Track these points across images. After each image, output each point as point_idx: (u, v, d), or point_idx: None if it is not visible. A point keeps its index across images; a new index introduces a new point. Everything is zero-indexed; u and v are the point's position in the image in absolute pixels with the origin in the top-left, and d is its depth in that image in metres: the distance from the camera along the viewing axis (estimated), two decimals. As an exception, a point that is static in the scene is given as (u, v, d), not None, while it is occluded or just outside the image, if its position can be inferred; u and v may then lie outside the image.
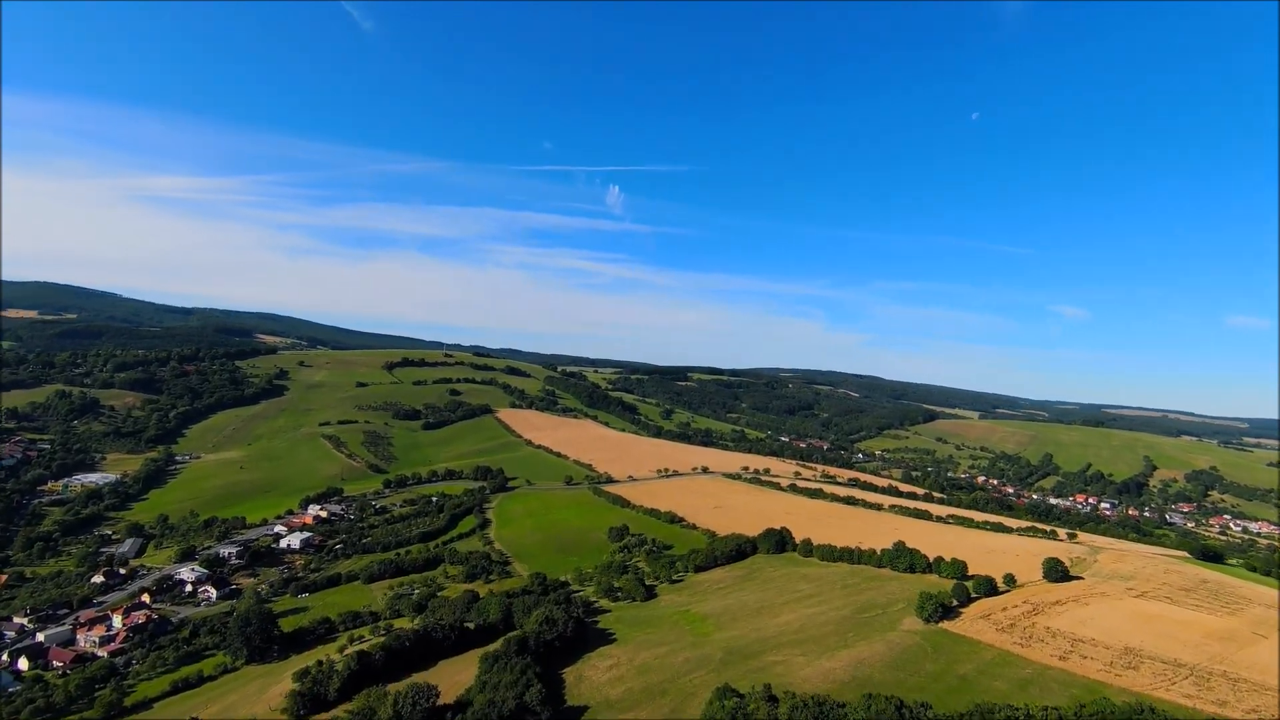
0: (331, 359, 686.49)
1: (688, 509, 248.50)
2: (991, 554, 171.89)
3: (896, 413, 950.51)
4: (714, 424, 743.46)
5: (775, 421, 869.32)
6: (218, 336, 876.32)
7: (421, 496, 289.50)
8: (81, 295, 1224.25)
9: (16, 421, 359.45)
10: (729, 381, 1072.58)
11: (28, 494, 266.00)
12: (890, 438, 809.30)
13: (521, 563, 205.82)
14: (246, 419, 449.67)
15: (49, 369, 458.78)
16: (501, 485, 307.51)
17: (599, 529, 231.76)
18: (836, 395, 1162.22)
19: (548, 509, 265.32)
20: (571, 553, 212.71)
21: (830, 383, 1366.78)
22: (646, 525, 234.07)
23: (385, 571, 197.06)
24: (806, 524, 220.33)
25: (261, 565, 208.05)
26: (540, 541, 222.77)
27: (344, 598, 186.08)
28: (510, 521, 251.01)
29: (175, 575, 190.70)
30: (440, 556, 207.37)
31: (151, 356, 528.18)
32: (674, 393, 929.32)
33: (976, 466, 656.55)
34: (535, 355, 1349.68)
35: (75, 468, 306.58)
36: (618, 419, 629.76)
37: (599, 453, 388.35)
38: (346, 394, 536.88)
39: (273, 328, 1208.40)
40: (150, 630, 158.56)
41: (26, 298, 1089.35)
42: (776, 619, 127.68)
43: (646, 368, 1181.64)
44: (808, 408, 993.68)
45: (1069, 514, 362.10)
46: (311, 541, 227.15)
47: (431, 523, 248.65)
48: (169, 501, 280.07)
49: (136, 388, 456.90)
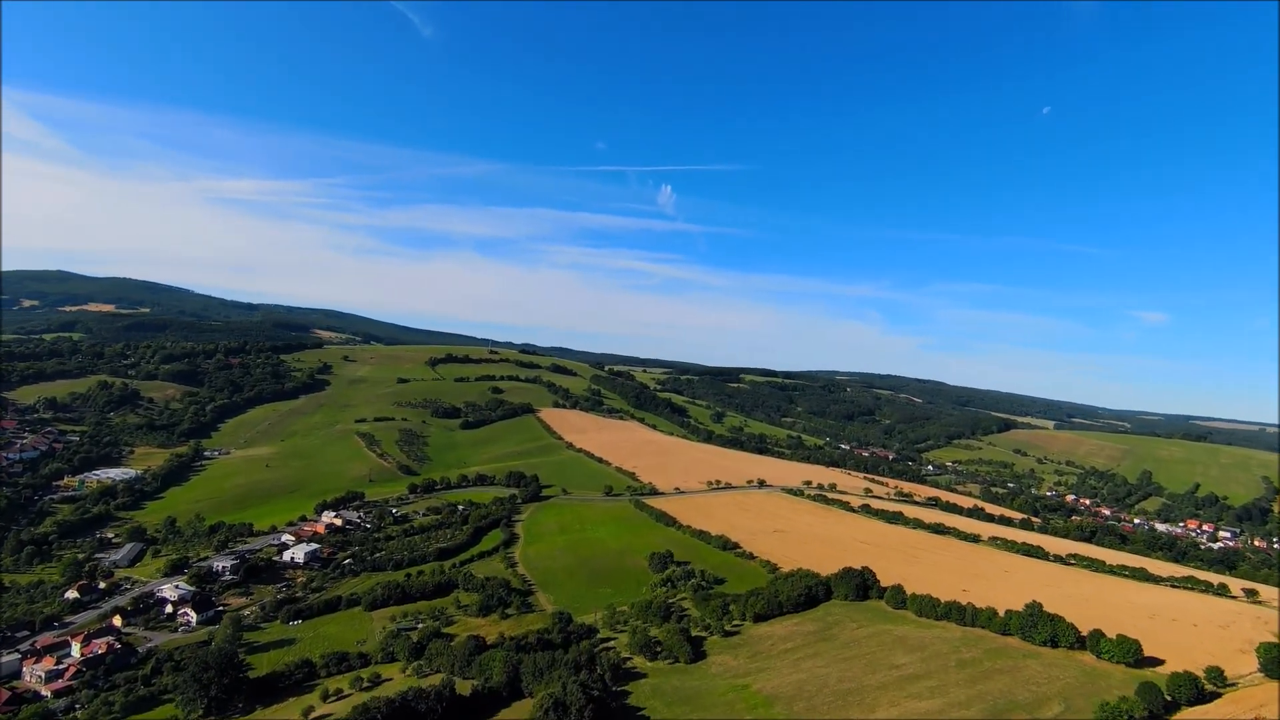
0: (376, 354, 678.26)
1: (743, 532, 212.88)
2: (1155, 619, 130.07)
3: (966, 421, 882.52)
4: (768, 429, 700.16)
5: (833, 427, 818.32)
6: (275, 331, 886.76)
7: (447, 504, 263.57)
8: (157, 290, 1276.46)
9: (54, 412, 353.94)
10: (783, 384, 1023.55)
11: (42, 489, 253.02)
12: (961, 448, 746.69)
13: (546, 592, 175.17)
14: (284, 414, 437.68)
15: (98, 360, 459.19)
16: (535, 494, 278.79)
17: (639, 553, 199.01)
18: (898, 401, 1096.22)
19: (583, 524, 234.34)
20: (605, 582, 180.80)
21: (890, 387, 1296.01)
22: (694, 551, 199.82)
23: (390, 597, 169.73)
24: (890, 559, 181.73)
25: (258, 582, 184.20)
26: (570, 566, 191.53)
27: (338, 628, 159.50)
28: (539, 538, 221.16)
29: (157, 593, 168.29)
30: (453, 581, 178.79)
31: (198, 349, 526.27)
32: (725, 395, 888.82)
33: (1064, 483, 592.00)
34: (585, 354, 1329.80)
35: (99, 462, 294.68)
36: (665, 421, 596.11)
37: (644, 459, 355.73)
38: (387, 390, 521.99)
39: (330, 323, 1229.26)
40: (109, 664, 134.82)
41: (105, 292, 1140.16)
42: (872, 716, 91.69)
43: (697, 368, 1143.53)
44: (868, 413, 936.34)
45: (1200, 549, 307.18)
46: (318, 555, 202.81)
47: (452, 537, 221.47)
48: (184, 501, 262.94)
49: (179, 380, 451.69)
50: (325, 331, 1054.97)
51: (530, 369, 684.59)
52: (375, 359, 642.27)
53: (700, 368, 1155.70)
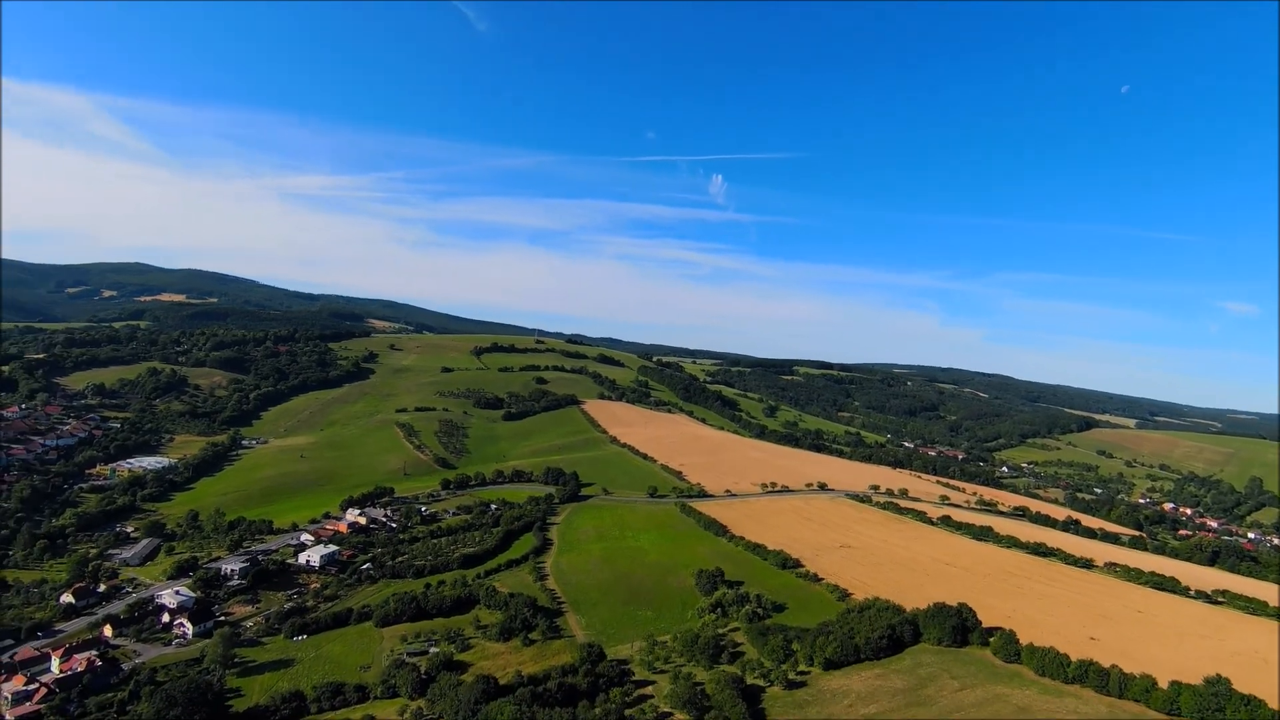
0: (422, 343, 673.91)
1: (804, 547, 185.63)
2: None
3: (1041, 418, 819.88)
4: (824, 424, 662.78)
5: (894, 423, 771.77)
6: (330, 320, 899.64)
7: (479, 503, 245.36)
8: (226, 282, 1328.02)
9: (101, 398, 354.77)
10: (839, 377, 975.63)
11: (74, 477, 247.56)
12: (1036, 448, 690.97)
13: (577, 613, 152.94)
14: (326, 402, 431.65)
15: (151, 347, 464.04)
16: (573, 493, 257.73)
17: (684, 568, 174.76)
18: (963, 396, 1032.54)
19: (623, 531, 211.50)
20: (645, 602, 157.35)
21: (953, 381, 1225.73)
22: (748, 568, 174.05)
23: (404, 612, 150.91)
24: (986, 589, 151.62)
25: (268, 587, 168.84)
26: (606, 582, 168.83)
27: (344, 648, 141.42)
28: (575, 545, 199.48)
29: (157, 599, 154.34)
30: (475, 597, 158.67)
31: (248, 336, 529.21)
32: (778, 387, 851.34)
33: (1158, 490, 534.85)
34: (633, 345, 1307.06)
35: (135, 449, 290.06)
36: (715, 415, 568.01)
37: (692, 456, 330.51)
38: (430, 379, 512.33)
39: (385, 313, 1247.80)
40: (85, 684, 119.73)
41: (178, 283, 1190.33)
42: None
43: (748, 360, 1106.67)
44: (931, 409, 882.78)
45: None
46: (336, 558, 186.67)
47: (481, 541, 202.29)
48: (212, 494, 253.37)
49: (227, 367, 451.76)
50: (380, 321, 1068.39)
51: (576, 359, 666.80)
52: (421, 348, 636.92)
53: (751, 359, 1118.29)
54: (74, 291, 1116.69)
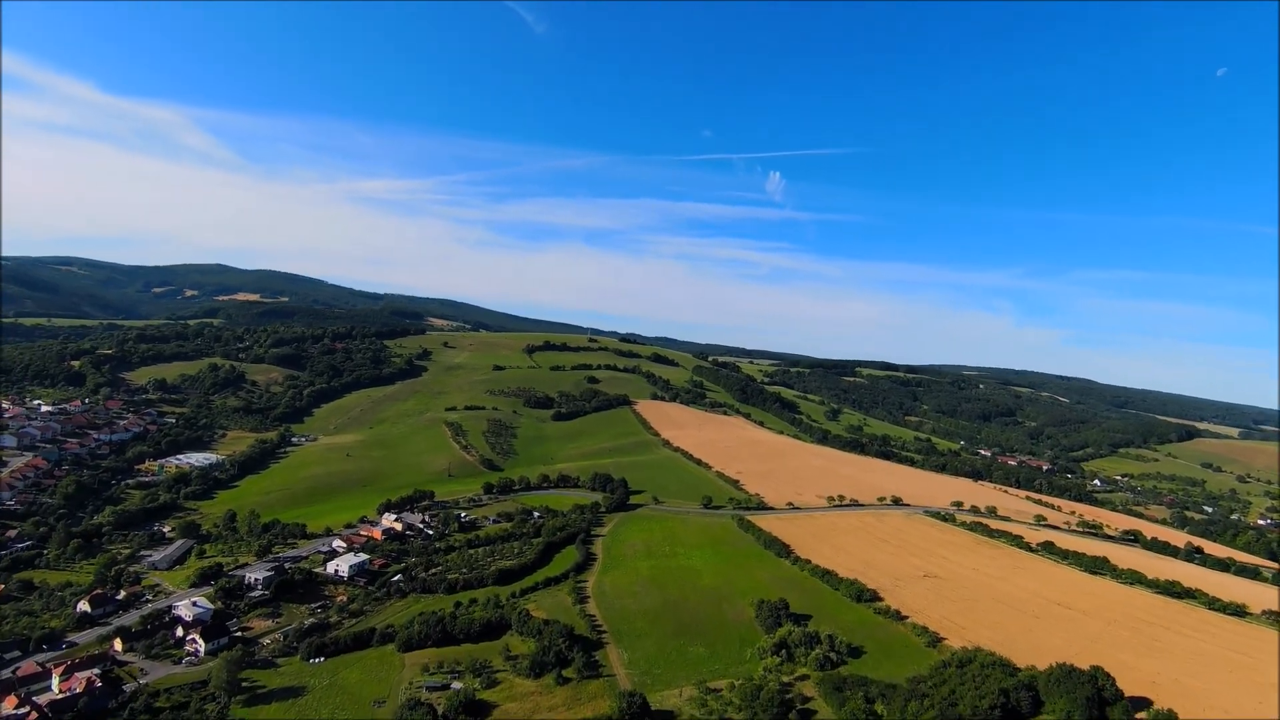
0: (476, 341, 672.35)
1: (882, 575, 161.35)
2: None
3: (1134, 426, 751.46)
4: (891, 429, 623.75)
5: (967, 429, 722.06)
6: (391, 318, 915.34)
7: (521, 509, 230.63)
8: (297, 281, 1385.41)
9: (162, 393, 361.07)
10: (905, 379, 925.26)
11: (122, 473, 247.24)
12: (1130, 458, 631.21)
13: (619, 645, 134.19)
14: (377, 400, 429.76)
15: (215, 343, 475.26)
16: (621, 501, 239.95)
17: (743, 595, 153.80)
18: (1041, 400, 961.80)
19: (674, 547, 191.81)
20: (697, 636, 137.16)
21: (1029, 384, 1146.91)
22: (817, 599, 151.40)
23: (429, 636, 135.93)
24: (1115, 640, 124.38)
25: (291, 599, 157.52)
26: (654, 609, 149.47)
27: (361, 675, 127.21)
28: (620, 562, 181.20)
29: (173, 610, 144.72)
30: (507, 621, 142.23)
31: (307, 333, 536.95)
32: (840, 389, 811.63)
33: None
34: (688, 345, 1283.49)
35: (187, 445, 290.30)
36: (774, 418, 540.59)
37: (750, 463, 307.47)
38: (482, 377, 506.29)
39: (443, 311, 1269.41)
40: (80, 708, 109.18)
41: (253, 283, 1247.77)
42: None
43: (807, 360, 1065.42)
44: (1007, 414, 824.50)
45: None
46: (366, 568, 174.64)
47: (519, 554, 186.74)
48: (255, 492, 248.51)
49: (284, 364, 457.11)
50: (439, 320, 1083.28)
51: (629, 358, 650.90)
52: (474, 346, 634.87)
53: (811, 359, 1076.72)
54: (159, 291, 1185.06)
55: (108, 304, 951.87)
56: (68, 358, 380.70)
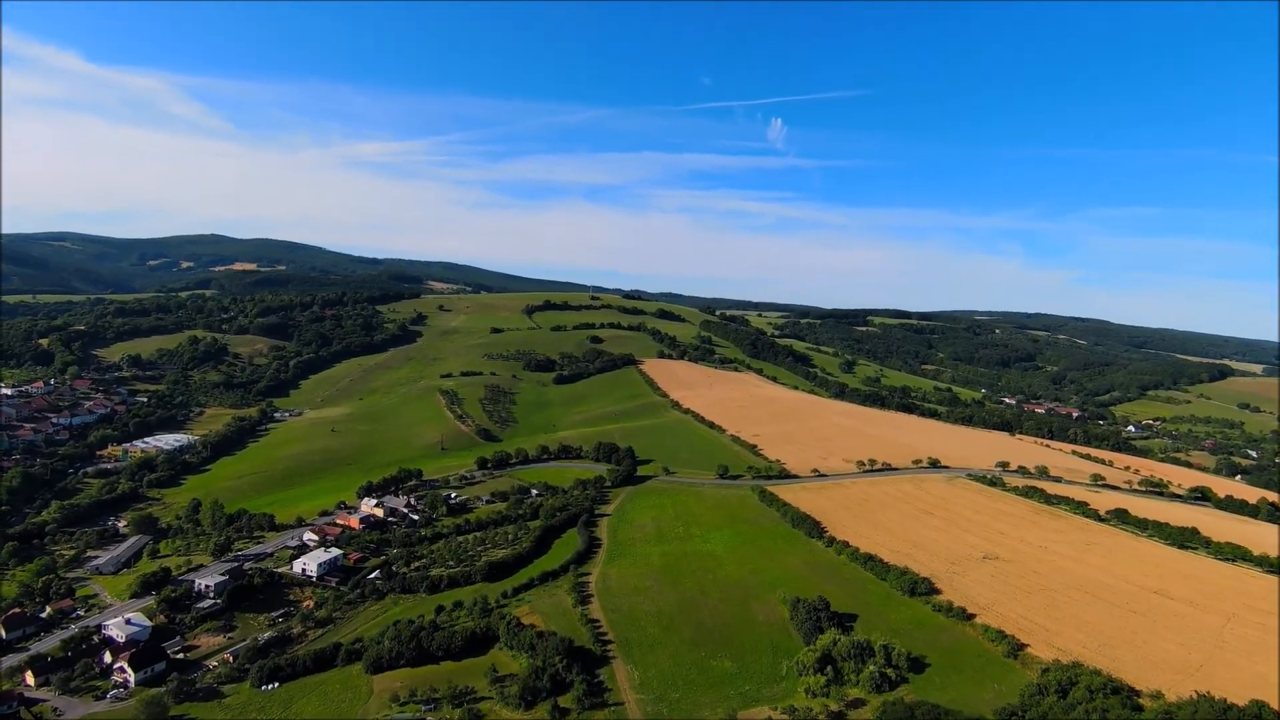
0: (473, 303, 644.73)
1: (934, 558, 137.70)
2: None
3: (1163, 368, 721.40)
4: (909, 379, 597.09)
5: (986, 376, 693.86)
6: (389, 283, 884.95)
7: (518, 486, 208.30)
8: (295, 249, 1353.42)
9: (136, 370, 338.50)
10: (919, 326, 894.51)
11: (81, 460, 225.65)
12: (1161, 401, 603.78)
13: (628, 660, 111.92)
14: (369, 369, 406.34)
15: (197, 315, 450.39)
16: (628, 474, 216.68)
17: (772, 588, 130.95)
18: (1059, 344, 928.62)
19: (688, 527, 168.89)
20: (721, 645, 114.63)
21: (1043, 327, 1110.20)
22: (860, 591, 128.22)
23: (401, 655, 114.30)
24: (1240, 643, 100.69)
25: (249, 607, 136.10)
26: (668, 610, 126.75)
27: (318, 706, 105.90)
28: (627, 549, 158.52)
29: (103, 630, 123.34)
30: (494, 632, 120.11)
31: (294, 301, 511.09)
32: (852, 339, 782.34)
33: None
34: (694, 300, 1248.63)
35: (158, 426, 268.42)
36: (787, 372, 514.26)
37: (766, 424, 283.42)
38: (479, 341, 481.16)
39: (445, 275, 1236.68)
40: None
41: (250, 253, 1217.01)
42: None
43: (818, 311, 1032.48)
44: (1027, 359, 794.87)
45: None
46: (339, 564, 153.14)
47: (513, 541, 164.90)
48: (227, 476, 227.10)
49: (270, 333, 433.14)
50: (438, 283, 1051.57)
51: (634, 315, 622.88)
52: (471, 308, 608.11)
53: (821, 310, 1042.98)
54: (154, 264, 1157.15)
55: (99, 278, 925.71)
56: (35, 335, 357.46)
